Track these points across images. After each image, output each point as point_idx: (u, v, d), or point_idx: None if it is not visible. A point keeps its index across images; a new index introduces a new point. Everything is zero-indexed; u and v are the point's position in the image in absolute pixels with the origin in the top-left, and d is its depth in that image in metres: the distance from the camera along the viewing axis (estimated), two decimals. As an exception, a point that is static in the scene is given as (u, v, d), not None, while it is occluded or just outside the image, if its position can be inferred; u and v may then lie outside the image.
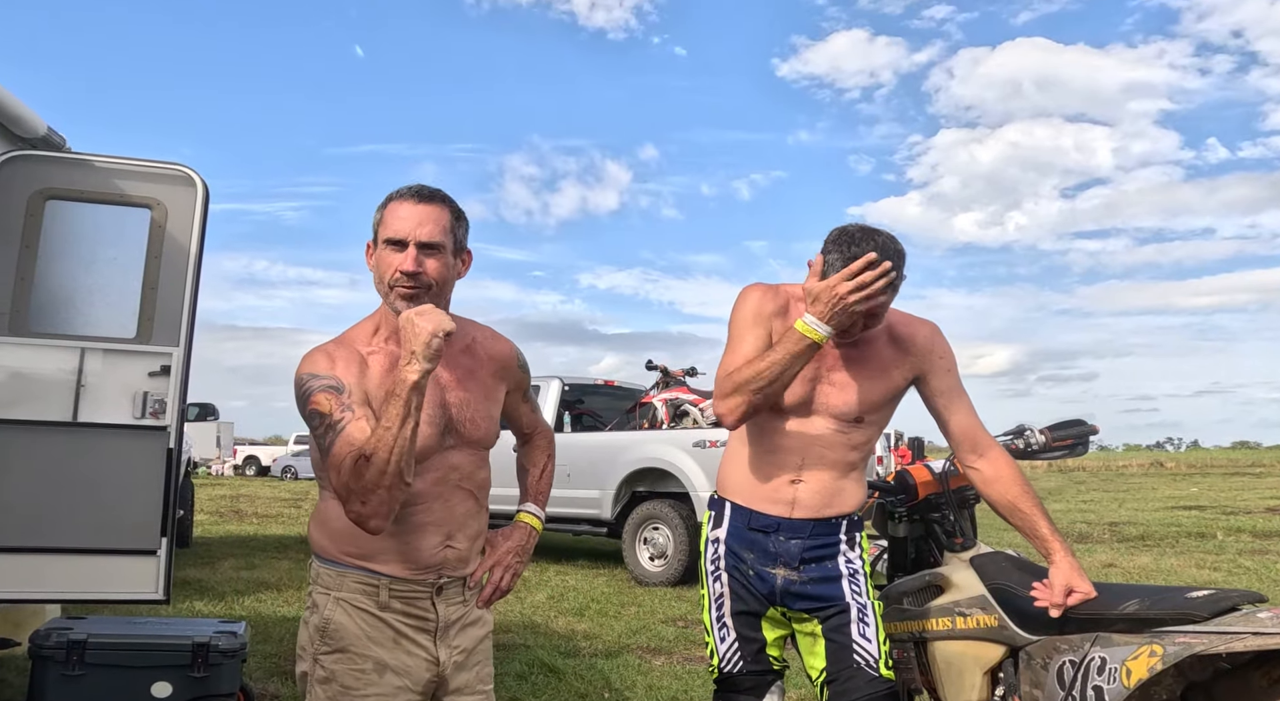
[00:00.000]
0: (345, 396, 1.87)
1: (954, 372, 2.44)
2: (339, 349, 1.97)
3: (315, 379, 1.90)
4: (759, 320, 2.37)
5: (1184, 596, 2.26)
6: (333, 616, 1.95)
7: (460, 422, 2.02)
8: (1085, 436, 3.10)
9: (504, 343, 2.21)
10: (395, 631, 1.96)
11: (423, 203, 1.95)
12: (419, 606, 1.98)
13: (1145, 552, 11.54)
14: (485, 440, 2.09)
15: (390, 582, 1.95)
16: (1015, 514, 2.38)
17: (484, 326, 2.22)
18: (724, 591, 2.43)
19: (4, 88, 3.85)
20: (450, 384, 2.02)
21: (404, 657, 1.96)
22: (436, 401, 1.97)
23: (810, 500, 2.37)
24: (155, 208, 4.01)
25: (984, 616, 2.54)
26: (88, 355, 3.92)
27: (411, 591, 1.97)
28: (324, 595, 1.97)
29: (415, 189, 1.98)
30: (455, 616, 2.04)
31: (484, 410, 2.08)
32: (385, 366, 1.94)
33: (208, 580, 8.23)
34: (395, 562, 1.95)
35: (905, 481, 2.95)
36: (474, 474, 2.06)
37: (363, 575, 1.95)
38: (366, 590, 1.95)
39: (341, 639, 1.93)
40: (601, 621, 6.99)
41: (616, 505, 9.45)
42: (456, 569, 2.03)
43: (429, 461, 1.94)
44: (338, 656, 1.93)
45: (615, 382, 11.25)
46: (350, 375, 1.91)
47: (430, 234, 1.92)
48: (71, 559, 3.84)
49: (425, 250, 1.92)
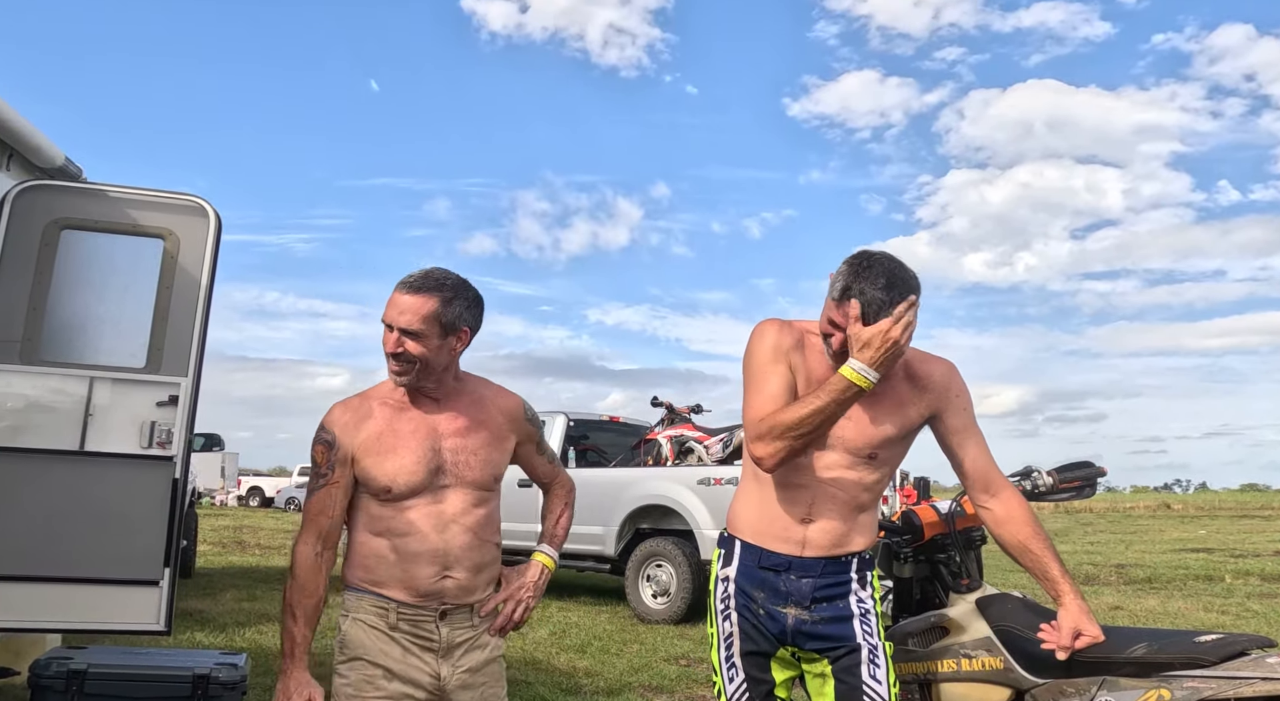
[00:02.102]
0: (334, 453, 2.28)
1: (970, 411, 2.42)
2: (358, 402, 2.35)
3: (322, 431, 2.31)
4: (778, 355, 2.36)
5: (1192, 640, 2.25)
6: (350, 632, 2.29)
7: (454, 465, 2.32)
8: (1093, 478, 3.09)
9: (512, 398, 2.52)
10: (403, 648, 2.27)
11: (410, 293, 2.26)
12: (424, 628, 2.29)
13: (1152, 595, 11.44)
14: (480, 482, 2.36)
15: (398, 607, 2.27)
16: (1026, 555, 2.35)
17: (493, 384, 2.52)
18: (733, 631, 2.40)
19: (24, 118, 3.90)
20: (449, 432, 2.34)
21: (410, 670, 2.27)
22: (430, 445, 2.30)
23: (821, 539, 2.34)
24: (168, 238, 4.05)
25: (990, 658, 2.52)
26: (96, 384, 3.94)
27: (417, 615, 2.28)
28: (344, 616, 2.32)
29: (412, 280, 2.29)
30: (460, 639, 2.33)
31: (482, 455, 2.37)
32: (387, 416, 2.32)
33: (209, 611, 8.19)
34: (400, 589, 2.28)
35: (911, 521, 2.94)
36: (469, 512, 2.33)
37: (376, 599, 2.29)
38: (379, 612, 2.28)
39: (355, 649, 2.27)
40: (603, 658, 6.93)
41: (620, 542, 9.41)
42: (459, 597, 2.32)
43: (420, 496, 2.28)
44: (352, 663, 2.27)
45: (620, 419, 11.24)
46: (350, 428, 2.30)
47: (409, 322, 2.24)
48: (73, 588, 3.83)
49: (406, 334, 2.25)
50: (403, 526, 2.26)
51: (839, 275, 2.24)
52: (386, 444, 2.29)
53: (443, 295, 2.27)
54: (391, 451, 2.28)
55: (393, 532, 2.28)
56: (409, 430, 2.32)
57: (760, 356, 2.38)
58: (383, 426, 2.30)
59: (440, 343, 2.28)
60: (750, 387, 2.37)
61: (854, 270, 2.22)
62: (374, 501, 2.30)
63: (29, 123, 3.95)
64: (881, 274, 2.19)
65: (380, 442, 2.29)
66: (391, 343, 2.26)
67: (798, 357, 2.36)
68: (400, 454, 2.28)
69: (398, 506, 2.28)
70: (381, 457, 2.27)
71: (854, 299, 2.19)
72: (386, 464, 2.27)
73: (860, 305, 2.18)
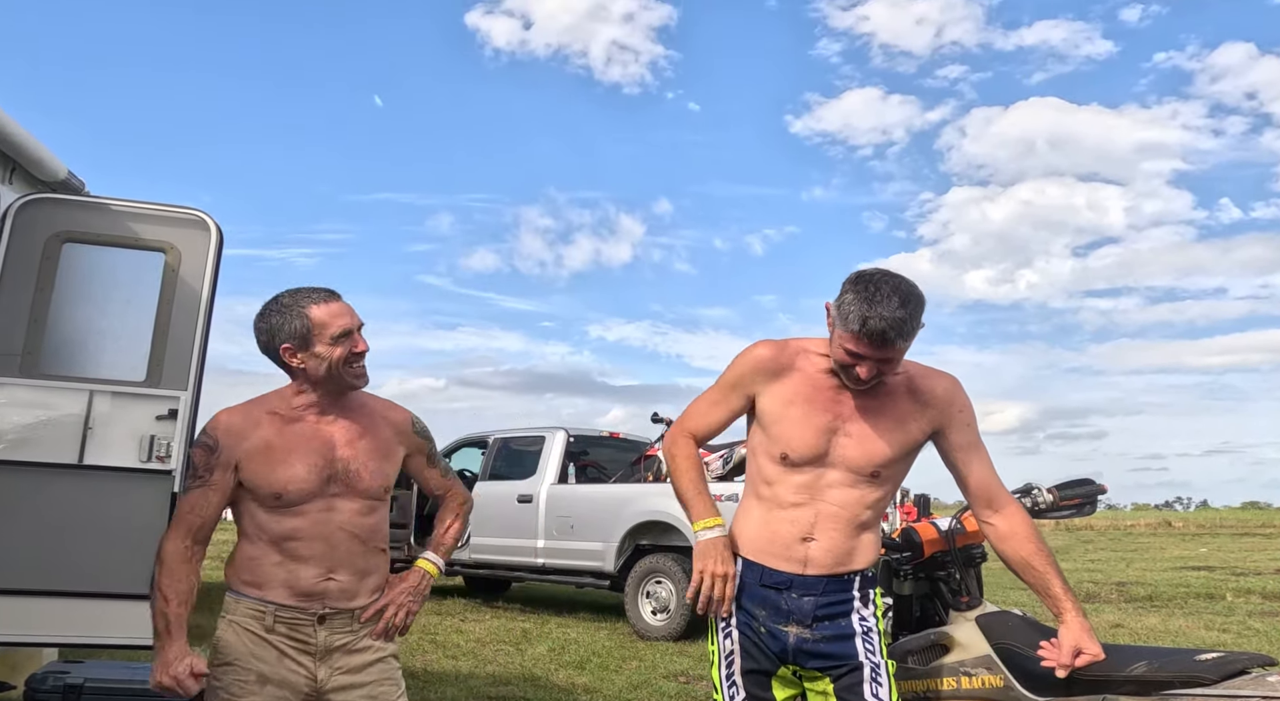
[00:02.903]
0: (214, 457, 2.31)
1: (973, 427, 2.42)
2: (247, 409, 2.39)
3: (204, 435, 2.36)
4: (739, 386, 2.45)
5: (1193, 658, 2.24)
6: (224, 635, 2.33)
7: (345, 474, 2.37)
8: (1093, 496, 3.08)
9: (401, 411, 2.59)
10: (279, 651, 2.31)
11: (339, 299, 2.39)
12: (302, 631, 2.32)
13: (1153, 613, 11.40)
14: (371, 491, 2.41)
15: (276, 609, 2.31)
16: (1028, 571, 2.35)
17: (381, 398, 2.58)
18: (734, 648, 2.39)
19: (27, 132, 3.91)
20: (341, 442, 2.39)
21: (285, 674, 2.30)
22: (323, 454, 2.35)
23: (823, 557, 2.34)
24: (169, 251, 4.06)
25: (989, 676, 2.51)
26: (96, 397, 3.94)
27: (295, 618, 2.32)
28: (222, 618, 2.35)
29: (324, 290, 2.39)
30: (339, 642, 2.36)
31: (372, 466, 2.42)
32: (277, 426, 2.36)
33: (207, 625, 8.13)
34: (281, 590, 2.31)
35: (911, 539, 2.93)
36: (358, 519, 2.38)
37: (254, 602, 2.32)
38: (255, 615, 2.32)
39: (228, 654, 2.30)
40: (602, 675, 6.90)
41: (619, 558, 9.38)
42: (340, 600, 2.36)
43: (311, 503, 2.31)
44: (225, 668, 2.30)
45: (620, 434, 11.23)
46: (235, 433, 2.33)
47: (360, 319, 2.40)
48: (71, 602, 3.82)
49: (360, 331, 2.39)
50: (290, 532, 2.30)
51: (849, 304, 2.22)
52: (277, 453, 2.33)
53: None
54: (282, 461, 2.32)
55: (280, 537, 2.31)
56: (301, 440, 2.36)
57: (728, 376, 2.47)
58: (272, 435, 2.34)
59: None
60: (704, 393, 2.52)
61: (865, 297, 2.20)
62: (261, 508, 2.33)
63: (32, 136, 3.97)
64: (893, 293, 2.19)
65: (270, 451, 2.33)
66: (362, 343, 2.37)
67: (775, 383, 2.40)
68: (291, 463, 2.32)
69: (287, 513, 2.31)
70: (271, 466, 2.31)
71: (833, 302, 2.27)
72: (277, 472, 2.31)
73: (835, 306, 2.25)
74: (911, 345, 2.29)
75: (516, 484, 10.35)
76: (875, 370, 2.25)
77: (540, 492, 10.08)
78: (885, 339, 2.18)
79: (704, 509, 2.43)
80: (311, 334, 2.34)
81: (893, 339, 2.18)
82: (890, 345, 2.20)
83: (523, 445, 10.79)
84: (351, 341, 2.36)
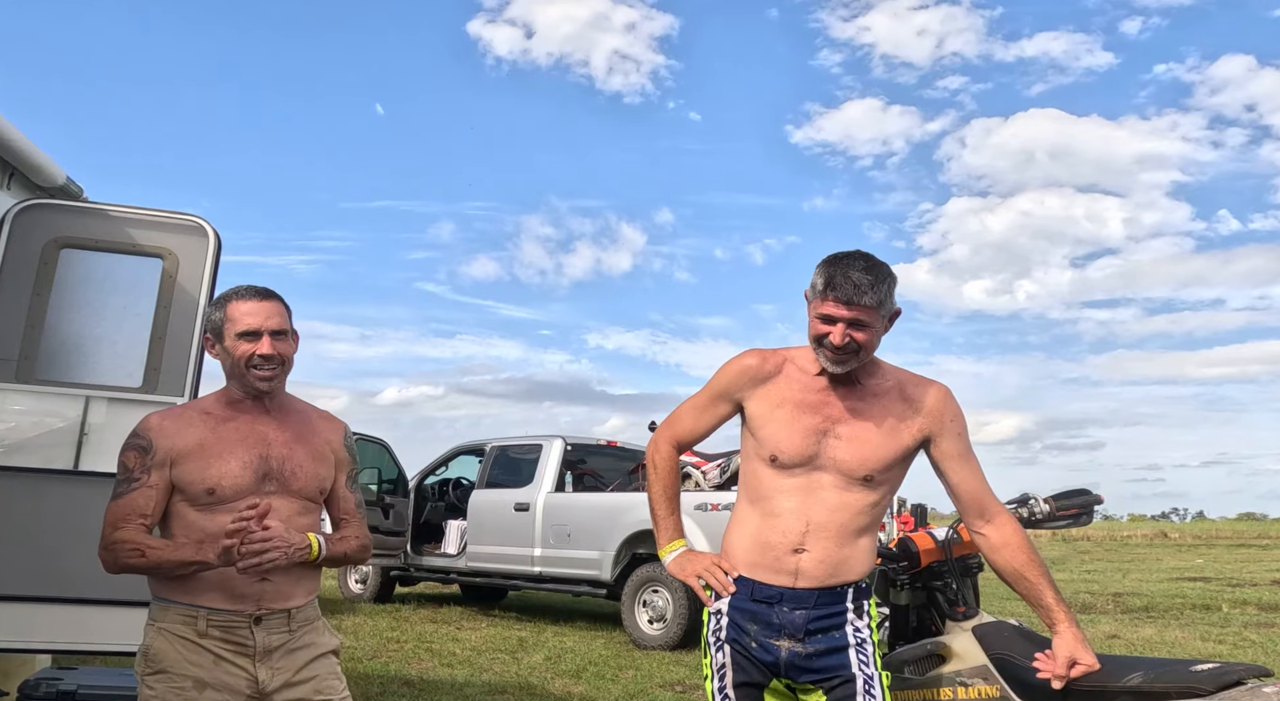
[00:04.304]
0: (149, 457, 2.29)
1: (964, 436, 2.42)
2: (179, 412, 2.41)
3: (134, 437, 2.33)
4: (726, 393, 2.48)
5: (1189, 669, 2.24)
6: (153, 643, 2.27)
7: (280, 472, 2.36)
8: (1090, 506, 3.09)
9: (336, 422, 2.59)
10: (215, 655, 2.26)
11: (261, 299, 2.38)
12: (238, 633, 2.28)
13: (1149, 624, 11.39)
14: (306, 491, 2.41)
15: (209, 613, 2.27)
16: (1021, 582, 2.35)
17: (317, 408, 2.59)
18: (726, 662, 2.38)
19: (25, 138, 3.91)
20: (278, 440, 2.39)
21: (224, 677, 2.25)
22: (258, 452, 2.35)
23: (814, 569, 2.32)
24: (167, 257, 4.05)
25: (986, 686, 2.51)
26: (92, 404, 3.94)
27: (229, 621, 2.28)
28: (150, 626, 2.31)
29: (253, 288, 2.39)
30: (277, 643, 2.32)
31: (308, 467, 2.41)
32: (211, 424, 2.35)
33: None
34: (214, 595, 2.27)
35: (908, 548, 2.93)
36: (294, 520, 2.34)
37: (183, 608, 2.27)
38: (186, 620, 2.27)
39: (161, 662, 2.25)
40: (599, 684, 6.89)
41: (616, 566, 9.37)
42: (275, 601, 2.32)
43: (244, 501, 2.25)
44: (159, 676, 2.25)
45: (618, 443, 11.22)
46: (169, 433, 2.32)
47: (278, 324, 2.37)
48: (64, 608, 3.80)
49: (275, 336, 2.36)
50: (221, 531, 2.21)
51: (818, 274, 2.30)
52: (210, 449, 2.32)
53: (283, 300, 2.43)
54: (216, 456, 2.31)
55: (212, 537, 2.23)
56: (235, 437, 2.35)
57: (715, 383, 2.51)
58: (205, 433, 2.34)
59: (294, 344, 2.44)
60: (691, 399, 2.56)
61: (831, 261, 2.29)
62: (191, 508, 2.31)
63: (30, 142, 3.96)
64: (859, 257, 2.28)
65: (203, 448, 2.31)
66: (266, 344, 2.34)
67: (762, 390, 2.42)
68: (225, 458, 2.31)
69: (220, 510, 2.28)
70: (205, 462, 2.30)
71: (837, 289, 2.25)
72: (211, 468, 2.30)
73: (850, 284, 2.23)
74: (886, 327, 2.32)
75: (513, 492, 10.34)
76: (848, 336, 2.24)
77: (537, 501, 10.07)
78: (854, 293, 2.22)
79: (671, 532, 2.55)
80: (224, 327, 2.36)
81: (860, 295, 2.22)
82: (858, 302, 2.22)
83: (520, 453, 10.78)
84: (256, 343, 2.33)
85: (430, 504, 11.59)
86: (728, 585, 2.39)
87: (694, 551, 2.52)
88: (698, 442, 2.63)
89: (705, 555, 2.49)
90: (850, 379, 2.35)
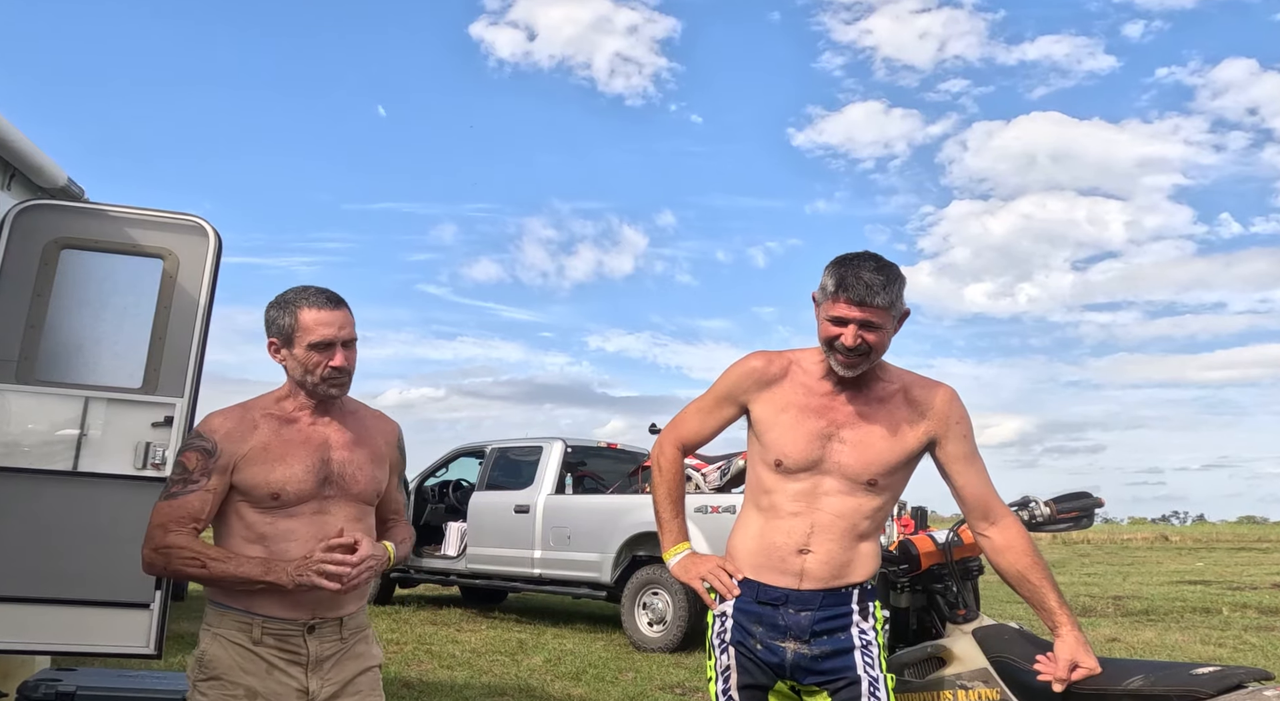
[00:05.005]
0: (212, 461, 2.26)
1: (970, 438, 2.41)
2: (240, 413, 2.35)
3: (198, 438, 2.30)
4: (731, 396, 2.48)
5: (1189, 673, 2.24)
6: (209, 649, 2.26)
7: (340, 477, 2.34)
8: (1090, 509, 3.08)
9: (390, 422, 2.58)
10: (268, 663, 2.25)
11: (335, 307, 2.34)
12: (291, 642, 2.27)
13: (1150, 627, 11.38)
14: (364, 495, 2.40)
15: (264, 621, 2.25)
16: (1024, 584, 2.34)
17: (371, 408, 2.57)
18: (730, 664, 2.37)
19: (27, 139, 3.92)
20: (337, 444, 2.38)
21: (275, 686, 2.24)
22: (320, 456, 2.33)
23: (819, 571, 2.32)
24: (167, 258, 4.05)
25: (986, 689, 2.50)
26: (91, 404, 3.93)
27: (284, 629, 2.26)
28: (205, 631, 2.29)
29: (325, 295, 2.35)
30: (329, 652, 2.31)
31: (368, 470, 2.41)
32: (274, 427, 2.33)
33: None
34: (270, 603, 2.25)
35: (908, 551, 2.92)
36: (352, 525, 2.33)
37: (239, 615, 2.26)
38: (241, 627, 2.25)
39: (215, 668, 2.24)
40: (598, 686, 6.88)
41: (616, 569, 9.36)
42: (331, 609, 2.31)
43: (306, 505, 2.28)
44: (211, 683, 2.23)
45: (618, 445, 11.21)
46: (234, 437, 2.29)
47: (349, 333, 2.35)
48: (63, 610, 3.80)
49: (348, 346, 2.35)
50: (282, 534, 2.25)
51: (828, 276, 2.29)
52: (274, 453, 2.30)
53: (349, 307, 2.40)
54: (280, 460, 2.29)
55: (271, 539, 2.26)
56: (298, 440, 2.34)
57: (720, 385, 2.50)
58: (269, 436, 2.32)
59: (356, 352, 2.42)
60: (696, 401, 2.57)
61: (841, 262, 2.29)
62: (253, 510, 2.29)
63: (32, 143, 3.97)
64: (868, 258, 2.28)
65: (267, 452, 2.30)
66: (341, 358, 2.32)
67: (768, 393, 2.41)
68: (289, 462, 2.30)
69: (281, 514, 2.28)
70: (269, 467, 2.28)
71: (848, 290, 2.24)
72: (275, 473, 2.28)
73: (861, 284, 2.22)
74: (896, 328, 2.31)
75: (513, 494, 10.34)
76: (860, 338, 2.24)
77: (537, 503, 10.07)
78: (866, 293, 2.21)
79: (675, 535, 2.55)
80: (295, 335, 2.32)
81: (873, 295, 2.21)
82: (870, 303, 2.22)
83: (520, 455, 10.78)
84: (330, 353, 2.32)
85: (430, 505, 11.59)
86: (732, 588, 2.38)
87: (698, 554, 2.51)
88: (703, 445, 2.62)
89: (710, 558, 2.49)
90: (856, 382, 2.35)
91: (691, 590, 2.50)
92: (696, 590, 2.47)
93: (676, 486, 2.58)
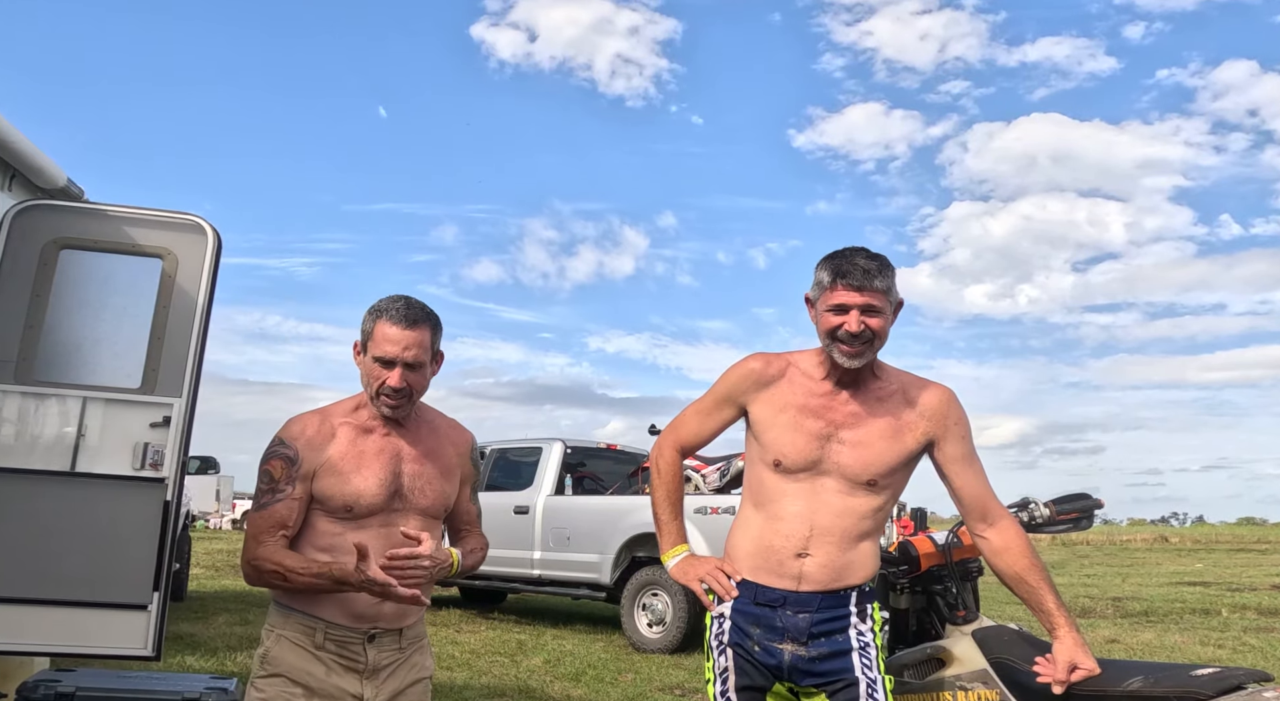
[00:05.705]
0: (295, 468, 2.27)
1: (968, 439, 2.41)
2: (319, 420, 2.35)
3: (280, 446, 2.31)
4: (730, 397, 2.48)
5: (1188, 674, 2.24)
6: (272, 648, 2.28)
7: (410, 491, 2.34)
8: (1090, 510, 3.08)
9: (465, 432, 2.56)
10: (327, 667, 2.26)
11: (408, 326, 2.28)
12: (351, 650, 2.28)
13: (1149, 628, 11.37)
14: (432, 509, 2.39)
15: (327, 627, 2.27)
16: (1022, 585, 2.34)
17: (445, 415, 2.54)
18: (728, 665, 2.37)
19: (27, 139, 3.91)
20: (409, 457, 2.37)
21: (331, 690, 2.26)
22: (392, 469, 2.33)
23: (818, 573, 2.32)
24: (166, 257, 4.04)
25: (985, 691, 2.50)
26: (89, 404, 3.92)
27: (345, 636, 2.28)
28: (269, 632, 2.32)
29: (404, 312, 2.29)
30: (386, 662, 2.32)
31: (436, 484, 2.40)
32: (351, 437, 2.33)
33: (201, 635, 8.13)
34: (334, 609, 2.27)
35: (908, 552, 2.92)
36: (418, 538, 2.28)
37: (304, 618, 2.28)
38: (305, 631, 2.27)
39: (277, 666, 2.26)
40: (598, 687, 6.88)
41: (616, 570, 9.36)
42: (392, 621, 2.32)
43: (375, 518, 2.29)
44: (272, 680, 2.26)
45: (618, 446, 11.21)
46: (314, 445, 2.30)
47: (415, 356, 2.29)
48: (61, 611, 3.79)
49: (409, 368, 2.28)
50: (349, 545, 2.22)
51: (821, 270, 2.32)
52: (350, 463, 2.30)
53: (431, 324, 2.34)
54: (355, 471, 2.30)
55: (339, 550, 2.25)
56: (372, 452, 2.34)
57: (719, 387, 2.51)
58: (345, 446, 2.32)
59: (429, 372, 2.36)
60: (695, 403, 2.57)
61: (834, 255, 2.32)
62: (326, 518, 2.30)
63: (31, 143, 3.96)
64: (859, 249, 2.31)
65: (344, 462, 2.30)
66: (396, 378, 2.27)
67: (767, 393, 2.42)
68: (364, 475, 2.30)
69: (351, 525, 2.29)
70: (344, 478, 2.28)
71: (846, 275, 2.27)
72: (350, 484, 2.28)
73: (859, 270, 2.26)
74: (892, 319, 2.33)
75: (513, 495, 10.33)
76: (863, 324, 2.25)
77: (537, 504, 10.06)
78: (865, 278, 2.24)
79: (674, 537, 2.55)
80: (369, 343, 2.32)
81: (870, 279, 2.25)
82: (870, 287, 2.25)
83: (520, 456, 10.78)
84: (389, 372, 2.28)
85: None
86: (730, 589, 2.38)
87: (697, 556, 2.51)
88: (703, 447, 2.63)
89: (708, 559, 2.49)
90: (854, 382, 2.35)
91: (690, 591, 2.50)
92: (695, 592, 2.47)
93: (675, 488, 2.58)
